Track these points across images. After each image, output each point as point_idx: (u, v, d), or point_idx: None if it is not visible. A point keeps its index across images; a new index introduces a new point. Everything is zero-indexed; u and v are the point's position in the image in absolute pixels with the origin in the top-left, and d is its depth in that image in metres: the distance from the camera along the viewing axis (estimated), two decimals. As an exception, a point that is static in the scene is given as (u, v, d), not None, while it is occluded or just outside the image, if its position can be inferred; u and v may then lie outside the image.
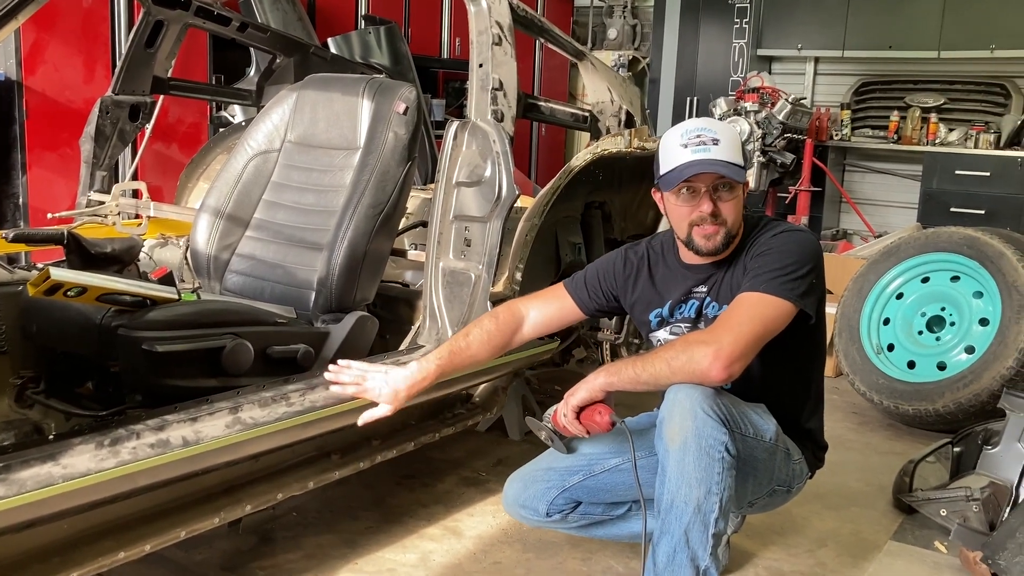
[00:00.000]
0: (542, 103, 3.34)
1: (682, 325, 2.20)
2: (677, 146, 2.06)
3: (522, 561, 2.51)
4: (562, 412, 2.04)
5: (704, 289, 2.17)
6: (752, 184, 6.50)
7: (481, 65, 2.69)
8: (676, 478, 1.89)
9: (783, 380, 2.16)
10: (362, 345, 2.61)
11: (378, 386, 2.07)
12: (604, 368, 2.02)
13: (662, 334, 2.24)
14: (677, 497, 1.89)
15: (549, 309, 2.30)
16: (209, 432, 1.97)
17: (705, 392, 1.90)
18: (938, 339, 3.76)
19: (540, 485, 2.26)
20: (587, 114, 3.52)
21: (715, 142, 2.02)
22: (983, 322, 3.61)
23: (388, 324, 2.83)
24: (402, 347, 2.67)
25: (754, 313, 1.94)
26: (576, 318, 2.36)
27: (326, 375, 2.13)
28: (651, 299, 2.25)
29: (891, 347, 3.85)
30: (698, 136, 2.04)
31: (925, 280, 3.88)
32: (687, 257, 2.19)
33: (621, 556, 2.51)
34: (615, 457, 2.22)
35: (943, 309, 3.78)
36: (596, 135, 3.49)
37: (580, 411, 2.02)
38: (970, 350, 3.60)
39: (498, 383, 2.91)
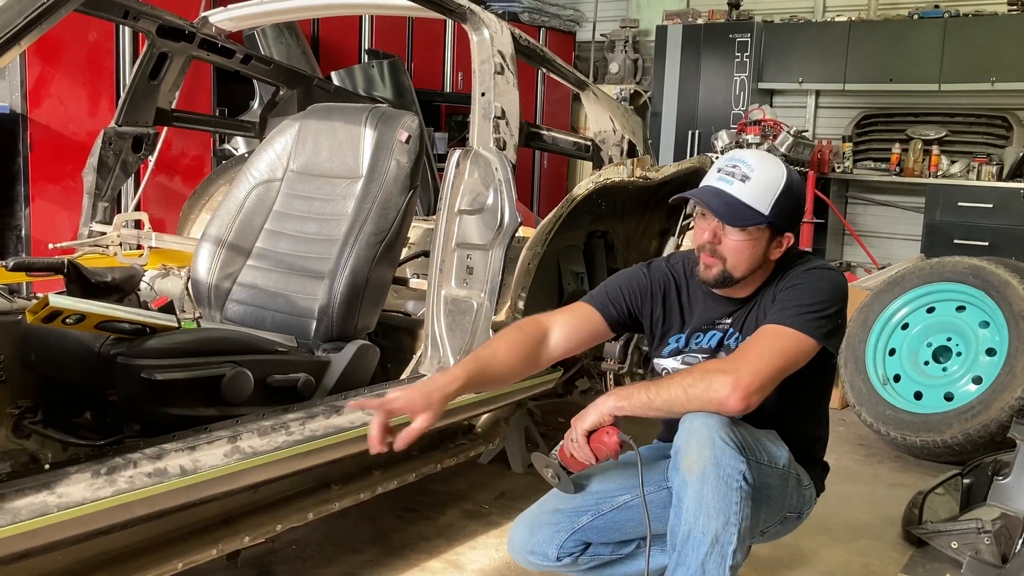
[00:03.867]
0: (544, 132, 3.35)
1: (697, 355, 2.14)
2: (715, 169, 2.02)
3: (525, 595, 2.47)
4: (571, 437, 1.99)
5: (729, 321, 2.11)
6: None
7: (483, 94, 2.70)
8: (694, 508, 1.82)
9: (796, 413, 2.12)
10: (363, 374, 2.58)
11: (405, 396, 1.85)
12: (614, 392, 1.98)
13: (671, 363, 2.18)
14: (695, 528, 1.83)
15: (573, 322, 2.16)
16: (207, 461, 1.94)
17: (721, 420, 1.86)
18: (945, 369, 3.73)
19: (548, 529, 2.16)
20: (589, 143, 3.52)
21: (744, 179, 1.96)
22: (990, 352, 3.58)
23: (389, 353, 2.81)
24: (403, 376, 2.65)
25: (777, 346, 1.90)
26: (601, 332, 2.21)
27: (351, 403, 2.00)
28: (672, 324, 2.18)
29: (897, 378, 3.82)
30: (734, 166, 1.98)
31: (931, 310, 3.85)
32: None
33: (626, 589, 2.46)
34: (624, 494, 2.16)
35: (949, 339, 3.75)
36: (598, 164, 3.49)
37: (588, 436, 1.98)
38: (977, 380, 3.56)
39: (500, 414, 2.88)
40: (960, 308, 3.76)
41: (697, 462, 1.83)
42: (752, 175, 1.96)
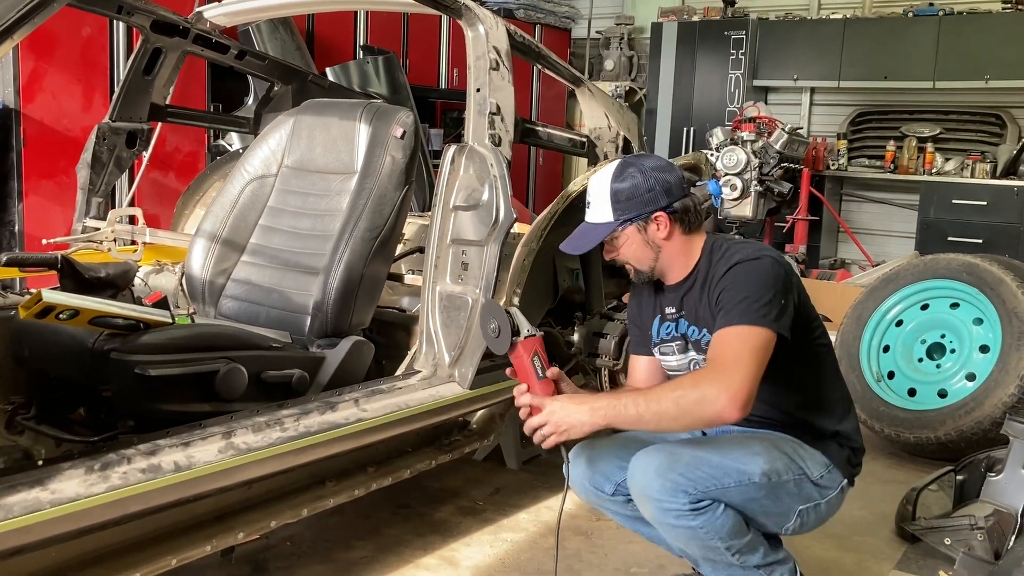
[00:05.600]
0: (540, 128, 3.34)
1: (672, 344, 2.22)
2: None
3: (520, 591, 2.47)
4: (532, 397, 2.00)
5: (673, 310, 2.21)
6: (749, 213, 6.51)
7: (479, 90, 2.69)
8: (675, 542, 2.06)
9: (790, 394, 2.13)
10: (358, 370, 2.58)
11: None
12: (607, 398, 1.99)
13: (655, 352, 2.28)
14: (697, 555, 2.04)
15: (651, 368, 2.31)
16: (201, 457, 1.93)
17: (660, 462, 1.97)
18: (938, 366, 3.73)
19: (613, 463, 2.18)
20: (585, 140, 3.51)
21: (588, 205, 2.17)
22: (983, 349, 3.59)
23: (384, 349, 2.80)
24: (398, 372, 2.64)
25: (749, 348, 1.94)
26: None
27: None
28: (647, 319, 2.30)
29: (891, 375, 3.83)
30: (585, 200, 2.20)
31: (924, 307, 3.86)
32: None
33: (621, 586, 2.47)
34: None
35: (943, 336, 3.76)
36: (594, 161, 3.49)
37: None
38: (971, 377, 3.57)
39: (495, 410, 2.87)
40: (954, 305, 3.76)
41: (647, 511, 2.01)
42: (592, 197, 2.17)
